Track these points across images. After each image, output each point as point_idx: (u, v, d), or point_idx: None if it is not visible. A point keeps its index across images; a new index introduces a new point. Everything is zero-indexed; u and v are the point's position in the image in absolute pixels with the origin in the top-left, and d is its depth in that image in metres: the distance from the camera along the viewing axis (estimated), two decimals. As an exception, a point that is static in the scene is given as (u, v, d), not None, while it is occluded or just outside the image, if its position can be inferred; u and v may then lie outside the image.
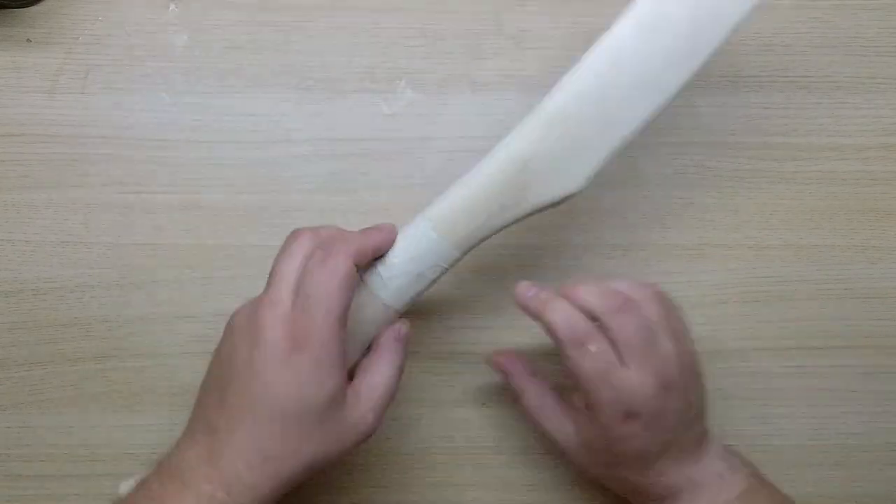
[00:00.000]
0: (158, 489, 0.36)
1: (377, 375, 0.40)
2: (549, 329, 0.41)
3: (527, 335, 0.50)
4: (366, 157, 0.51)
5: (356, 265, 0.39)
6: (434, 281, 0.43)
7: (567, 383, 0.42)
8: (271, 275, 0.39)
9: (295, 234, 0.40)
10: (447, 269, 0.43)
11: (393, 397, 0.40)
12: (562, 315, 0.40)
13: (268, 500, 0.37)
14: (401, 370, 0.41)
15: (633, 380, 0.40)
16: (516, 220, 0.43)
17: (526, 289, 0.42)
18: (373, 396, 0.39)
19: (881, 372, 0.51)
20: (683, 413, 0.41)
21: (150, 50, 0.51)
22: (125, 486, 0.43)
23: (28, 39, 0.51)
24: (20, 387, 0.48)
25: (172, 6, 0.52)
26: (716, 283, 0.51)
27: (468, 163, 0.51)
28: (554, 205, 0.43)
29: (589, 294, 0.41)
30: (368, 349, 0.42)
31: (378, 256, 0.42)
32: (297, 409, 0.36)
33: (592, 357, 0.40)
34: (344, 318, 0.38)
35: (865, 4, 0.53)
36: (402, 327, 0.42)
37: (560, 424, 0.44)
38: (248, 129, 0.51)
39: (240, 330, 0.38)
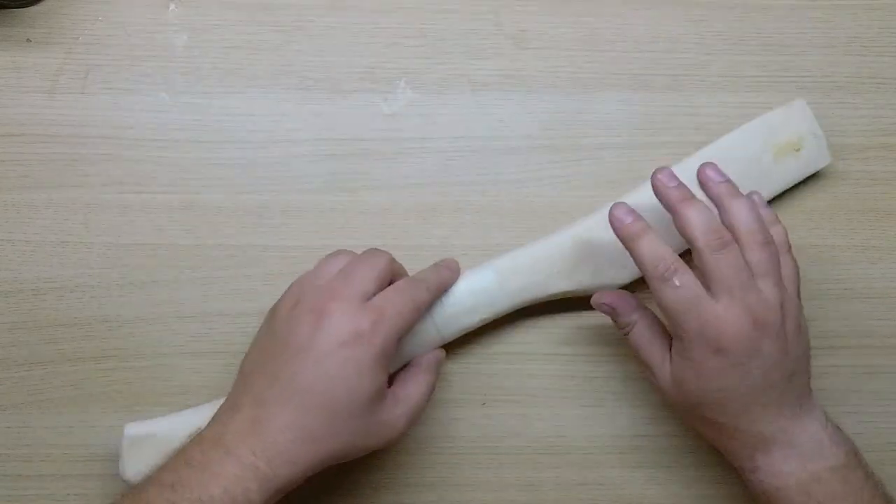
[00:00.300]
0: (200, 456, 0.37)
1: (414, 388, 0.43)
2: (636, 260, 0.42)
3: (529, 334, 0.50)
4: (366, 157, 0.51)
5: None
6: (482, 320, 0.47)
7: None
8: (347, 274, 0.42)
9: (377, 251, 0.44)
10: (497, 315, 0.47)
11: (422, 412, 0.43)
12: (648, 248, 0.41)
13: (300, 478, 0.38)
14: (433, 390, 0.44)
15: (722, 315, 0.40)
16: (564, 294, 0.47)
17: (624, 214, 0.42)
18: (408, 404, 0.42)
19: (881, 372, 0.51)
20: (779, 361, 0.40)
21: (150, 50, 0.51)
22: (131, 428, 0.45)
23: (28, 39, 0.51)
24: (20, 387, 0.48)
25: (172, 6, 0.52)
26: (716, 283, 0.51)
27: (468, 163, 0.51)
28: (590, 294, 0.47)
29: (695, 223, 0.40)
30: (404, 366, 0.45)
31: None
32: (347, 397, 0.39)
33: (676, 290, 0.40)
34: (403, 335, 0.42)
35: (865, 4, 0.53)
36: (442, 354, 0.46)
37: (661, 359, 0.44)
38: (248, 129, 0.51)
39: (305, 313, 0.40)
